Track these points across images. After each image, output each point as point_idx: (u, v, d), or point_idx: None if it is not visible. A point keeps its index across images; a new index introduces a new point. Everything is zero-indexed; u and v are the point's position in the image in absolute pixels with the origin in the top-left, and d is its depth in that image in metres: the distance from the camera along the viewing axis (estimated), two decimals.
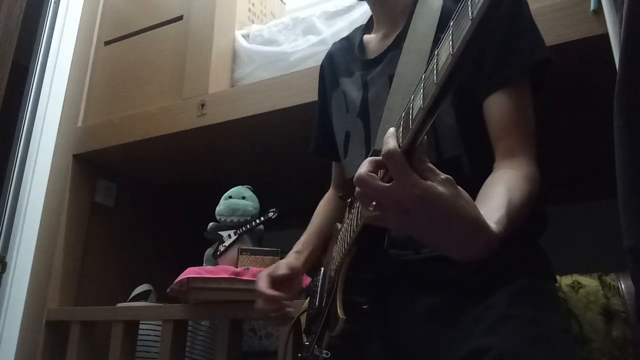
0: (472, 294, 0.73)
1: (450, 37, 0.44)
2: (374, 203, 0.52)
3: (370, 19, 1.04)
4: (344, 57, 1.02)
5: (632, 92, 0.55)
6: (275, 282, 0.91)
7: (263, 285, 0.90)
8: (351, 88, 0.95)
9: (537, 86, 0.80)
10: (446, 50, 0.45)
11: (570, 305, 0.95)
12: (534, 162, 0.73)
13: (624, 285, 0.94)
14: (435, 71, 0.46)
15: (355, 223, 0.72)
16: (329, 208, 1.08)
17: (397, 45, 0.89)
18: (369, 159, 0.53)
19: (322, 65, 1.09)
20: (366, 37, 1.01)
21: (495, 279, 0.73)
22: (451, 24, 0.45)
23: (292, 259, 0.97)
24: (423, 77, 0.49)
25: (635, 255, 0.54)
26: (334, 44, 1.10)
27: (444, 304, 0.75)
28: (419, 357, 0.75)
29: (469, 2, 0.41)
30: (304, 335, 0.93)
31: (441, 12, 0.85)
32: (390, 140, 0.50)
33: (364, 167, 0.52)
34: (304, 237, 1.02)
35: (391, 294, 0.77)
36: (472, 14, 0.40)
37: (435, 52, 0.48)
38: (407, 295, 0.77)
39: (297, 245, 1.00)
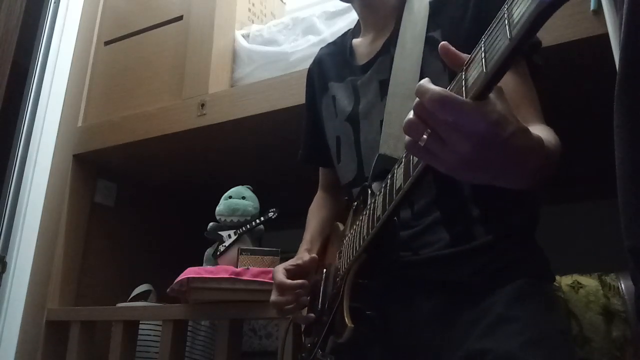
0: (471, 296, 0.73)
1: (483, 54, 0.44)
2: (425, 136, 0.49)
3: (358, 23, 1.04)
4: (334, 62, 1.02)
5: (632, 92, 0.55)
6: (290, 274, 0.90)
7: (280, 276, 0.88)
8: (341, 93, 0.95)
9: (533, 71, 0.80)
10: (478, 67, 0.45)
11: (570, 305, 0.95)
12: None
13: (624, 285, 0.94)
14: (464, 88, 0.47)
15: (365, 231, 0.71)
16: (326, 209, 1.08)
17: (386, 50, 0.90)
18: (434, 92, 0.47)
19: (310, 71, 1.09)
20: (355, 41, 1.01)
21: (493, 280, 0.73)
22: (483, 40, 0.45)
23: (306, 254, 0.95)
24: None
25: (635, 255, 0.54)
26: (321, 48, 1.10)
27: (442, 306, 0.74)
28: (418, 359, 0.75)
29: (506, 20, 0.41)
30: (303, 335, 0.93)
31: (430, 11, 0.85)
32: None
33: (435, 87, 0.46)
34: (308, 236, 1.01)
35: (390, 296, 0.77)
36: (510, 34, 0.40)
37: (463, 69, 0.48)
38: (405, 297, 0.77)
39: (305, 244, 0.99)
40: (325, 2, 1.65)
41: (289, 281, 0.87)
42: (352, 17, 1.45)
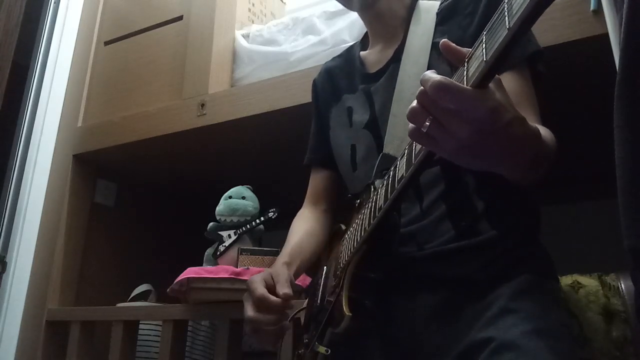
0: (474, 292, 0.73)
1: (484, 45, 0.46)
2: (428, 123, 0.51)
3: (365, 36, 1.05)
4: (344, 74, 1.02)
5: (632, 92, 0.55)
6: (271, 290, 0.82)
7: (262, 289, 0.81)
8: (356, 103, 0.96)
9: (534, 78, 0.82)
10: (478, 57, 0.47)
11: (570, 305, 0.95)
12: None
13: (624, 285, 0.94)
14: (465, 77, 0.49)
15: (367, 222, 0.72)
16: (310, 225, 1.02)
17: (397, 58, 0.91)
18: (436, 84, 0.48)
19: (314, 82, 1.10)
20: (363, 53, 1.02)
21: (498, 276, 0.73)
22: (484, 34, 0.47)
23: (283, 269, 0.87)
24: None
25: (635, 255, 0.54)
26: (326, 62, 1.11)
27: (445, 302, 0.75)
28: (420, 354, 0.75)
29: (506, 12, 0.43)
30: (303, 331, 0.93)
31: (437, 20, 0.87)
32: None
33: (437, 76, 0.49)
34: (288, 248, 0.95)
35: (393, 291, 0.77)
36: (509, 23, 0.43)
37: (465, 61, 0.50)
38: (408, 292, 0.78)
39: (284, 257, 0.92)
40: (325, 2, 1.65)
41: (274, 298, 0.78)
42: (352, 18, 1.45)
